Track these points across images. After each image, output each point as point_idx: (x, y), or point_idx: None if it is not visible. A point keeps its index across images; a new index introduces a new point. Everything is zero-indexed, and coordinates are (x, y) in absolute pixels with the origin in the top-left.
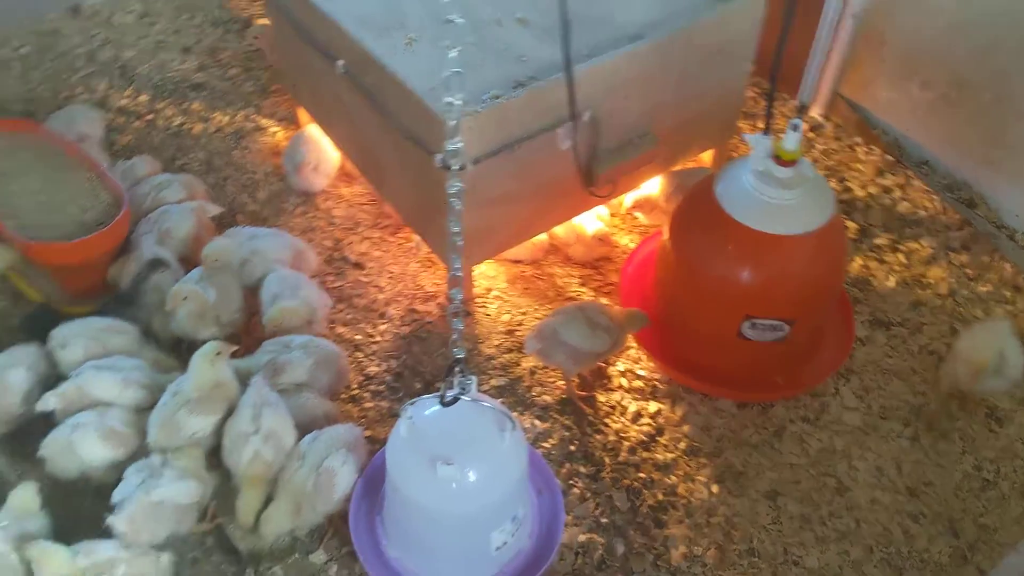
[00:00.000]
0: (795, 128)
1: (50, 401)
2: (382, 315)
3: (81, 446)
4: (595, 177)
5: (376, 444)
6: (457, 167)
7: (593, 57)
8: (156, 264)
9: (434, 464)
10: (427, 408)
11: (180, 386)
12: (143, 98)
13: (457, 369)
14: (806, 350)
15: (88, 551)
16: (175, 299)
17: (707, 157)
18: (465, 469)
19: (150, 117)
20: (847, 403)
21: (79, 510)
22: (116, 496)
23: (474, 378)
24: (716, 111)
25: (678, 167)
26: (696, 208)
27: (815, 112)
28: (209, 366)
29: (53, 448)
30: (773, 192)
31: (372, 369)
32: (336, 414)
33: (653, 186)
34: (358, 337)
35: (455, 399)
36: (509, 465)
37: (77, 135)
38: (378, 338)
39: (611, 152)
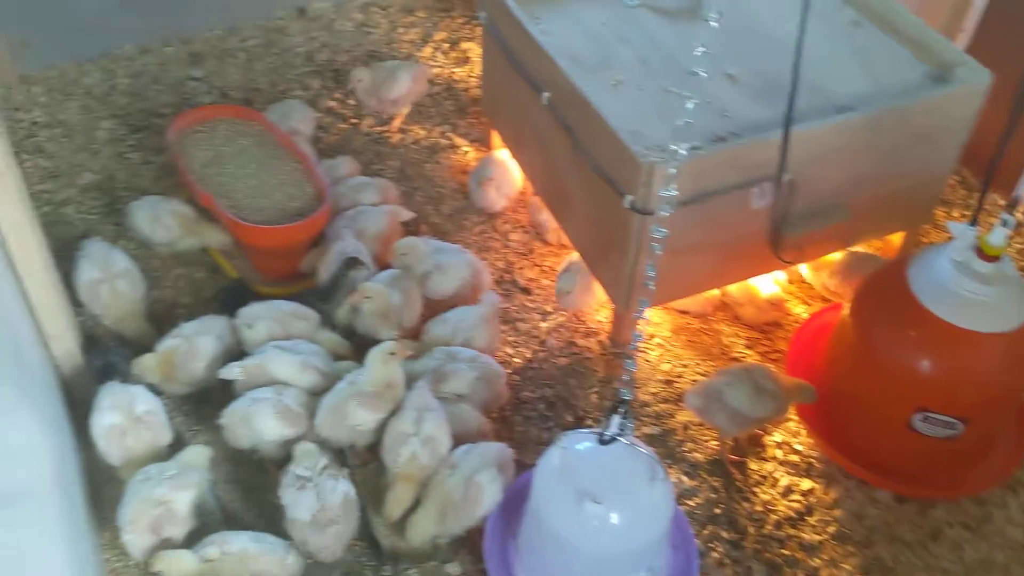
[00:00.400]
0: (1005, 224)
1: (234, 371)
2: (542, 343)
3: (257, 419)
4: (783, 241)
5: (521, 469)
6: (666, 213)
7: (800, 123)
8: (353, 263)
9: (580, 498)
10: (581, 442)
11: (356, 378)
12: (351, 102)
13: (621, 410)
14: (976, 453)
15: (222, 542)
16: (359, 295)
17: (896, 239)
18: (610, 510)
19: (355, 121)
20: (1013, 517)
21: (240, 478)
22: (295, 515)
23: (634, 422)
24: (915, 194)
25: (866, 244)
26: (884, 288)
27: (1019, 211)
28: (383, 364)
29: (232, 418)
30: (970, 285)
31: (526, 394)
32: (488, 431)
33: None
34: (516, 361)
35: (613, 439)
36: (654, 515)
37: (289, 129)
38: (536, 365)
39: (803, 219)
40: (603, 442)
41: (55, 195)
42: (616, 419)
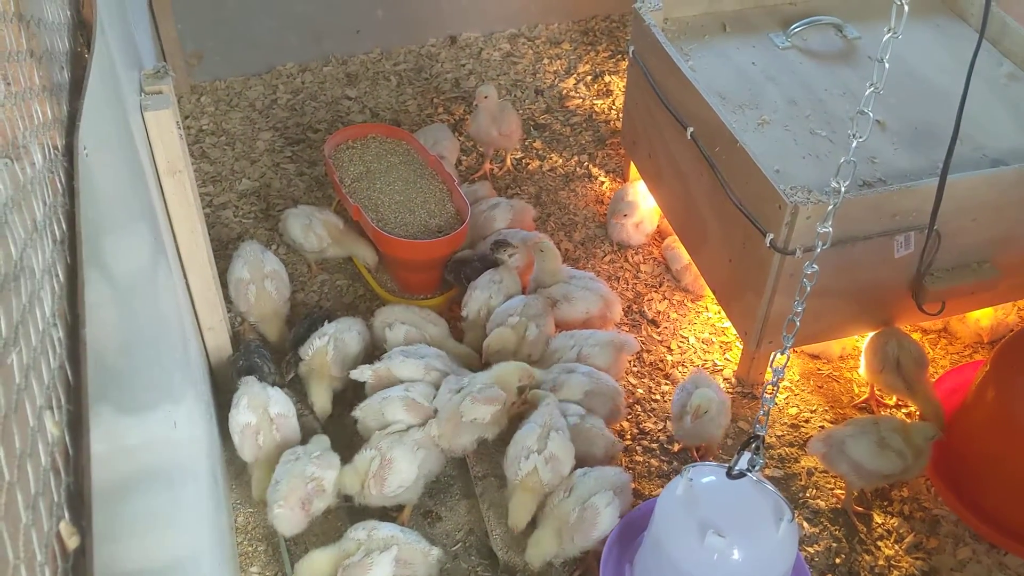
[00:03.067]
0: None
1: (365, 373)
2: (667, 376)
3: (388, 410)
4: (925, 293)
5: (638, 499)
6: (818, 250)
7: (951, 173)
8: (501, 245)
9: (702, 530)
10: (707, 475)
11: (461, 384)
12: None
13: (753, 445)
14: None
15: (371, 528)
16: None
17: None
18: (733, 544)
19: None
20: None
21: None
22: None
23: (763, 461)
24: None
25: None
26: None
27: None
28: (514, 380)
29: (366, 411)
30: None
31: (648, 425)
32: (616, 453)
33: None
34: (640, 391)
35: (741, 474)
36: (777, 555)
37: (437, 152)
38: (659, 397)
39: (947, 272)
40: (731, 476)
41: (215, 198)
42: (746, 455)
